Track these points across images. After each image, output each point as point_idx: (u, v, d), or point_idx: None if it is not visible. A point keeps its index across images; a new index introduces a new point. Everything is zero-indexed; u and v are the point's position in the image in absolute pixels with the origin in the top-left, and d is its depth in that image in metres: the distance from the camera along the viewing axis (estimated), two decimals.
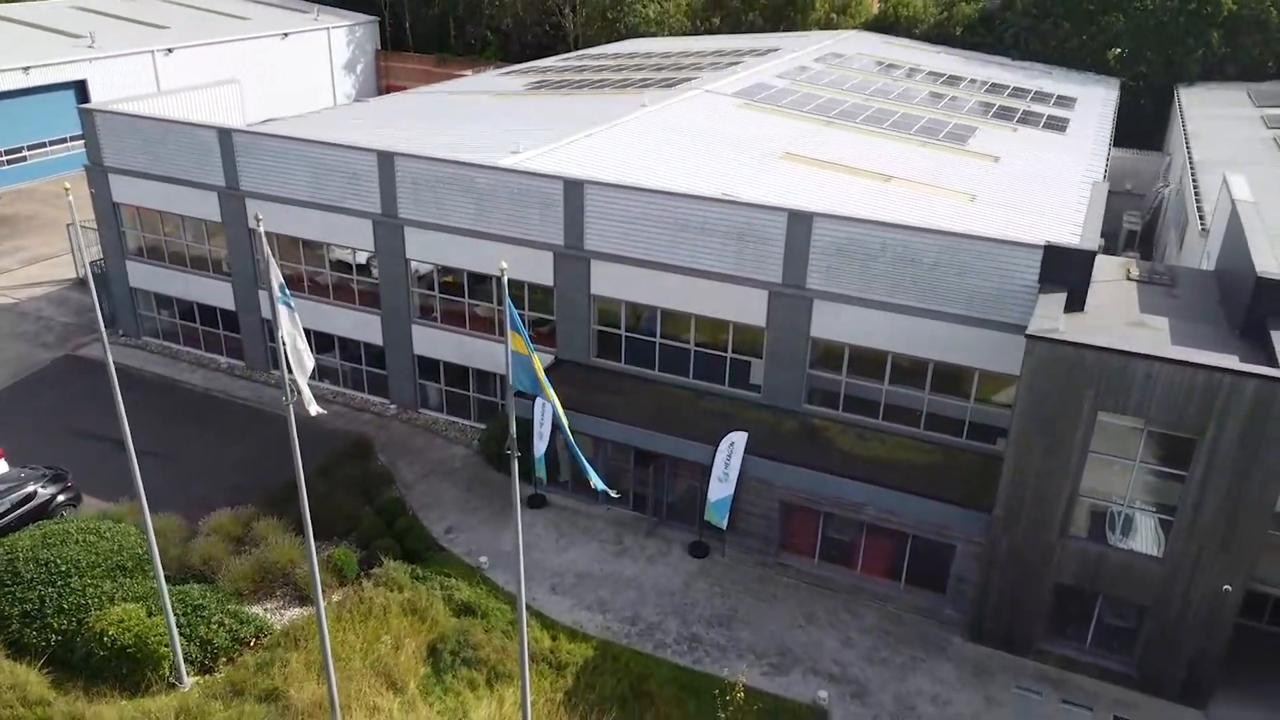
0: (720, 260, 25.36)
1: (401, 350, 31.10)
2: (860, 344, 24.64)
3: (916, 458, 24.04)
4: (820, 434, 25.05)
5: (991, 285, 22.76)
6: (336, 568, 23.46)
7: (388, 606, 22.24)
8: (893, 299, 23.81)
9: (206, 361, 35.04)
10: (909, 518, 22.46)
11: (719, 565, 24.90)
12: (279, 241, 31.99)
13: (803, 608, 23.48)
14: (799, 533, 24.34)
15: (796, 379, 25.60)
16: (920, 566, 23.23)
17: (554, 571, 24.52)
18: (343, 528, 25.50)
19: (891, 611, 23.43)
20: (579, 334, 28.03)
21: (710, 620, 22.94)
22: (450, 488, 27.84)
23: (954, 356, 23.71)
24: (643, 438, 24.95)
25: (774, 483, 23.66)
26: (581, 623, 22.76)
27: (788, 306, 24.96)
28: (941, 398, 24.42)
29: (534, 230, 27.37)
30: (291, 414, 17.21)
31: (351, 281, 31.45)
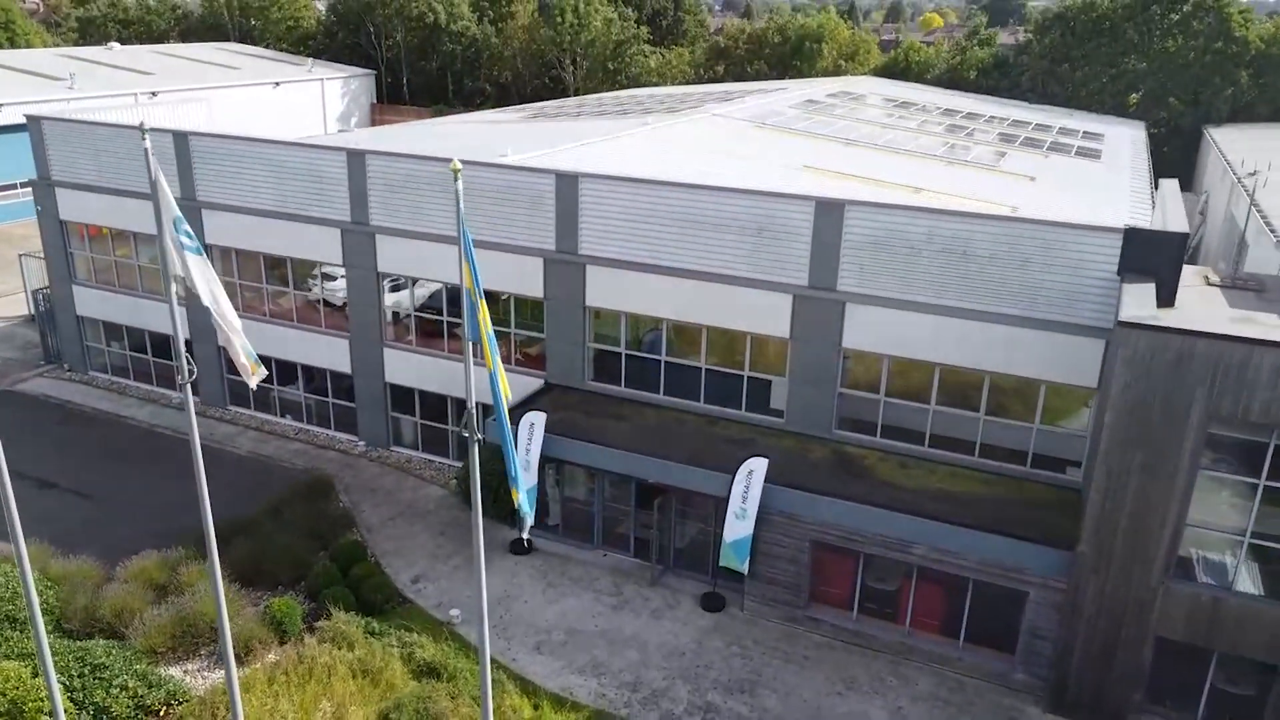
0: (736, 261, 21.85)
1: (372, 378, 27.41)
2: (902, 355, 20.96)
3: (973, 489, 20.15)
4: (856, 462, 21.20)
5: (1061, 280, 19.17)
6: (275, 621, 19.38)
7: (333, 667, 18.11)
8: (940, 300, 20.22)
9: (157, 397, 31.33)
10: (971, 558, 18.47)
11: (737, 620, 20.79)
12: (238, 259, 28.61)
13: (840, 671, 19.31)
14: (833, 580, 20.29)
15: (826, 399, 21.85)
16: (984, 620, 19.14)
17: (539, 627, 20.40)
18: (289, 575, 21.49)
19: (950, 676, 19.25)
20: (572, 353, 24.39)
21: (729, 686, 18.77)
22: (421, 531, 23.85)
23: (1015, 367, 20.00)
24: (645, 466, 21.10)
25: (803, 518, 19.72)
26: (571, 689, 18.60)
27: (815, 313, 21.36)
28: (1000, 419, 20.63)
29: (521, 234, 23.95)
30: (191, 409, 13.48)
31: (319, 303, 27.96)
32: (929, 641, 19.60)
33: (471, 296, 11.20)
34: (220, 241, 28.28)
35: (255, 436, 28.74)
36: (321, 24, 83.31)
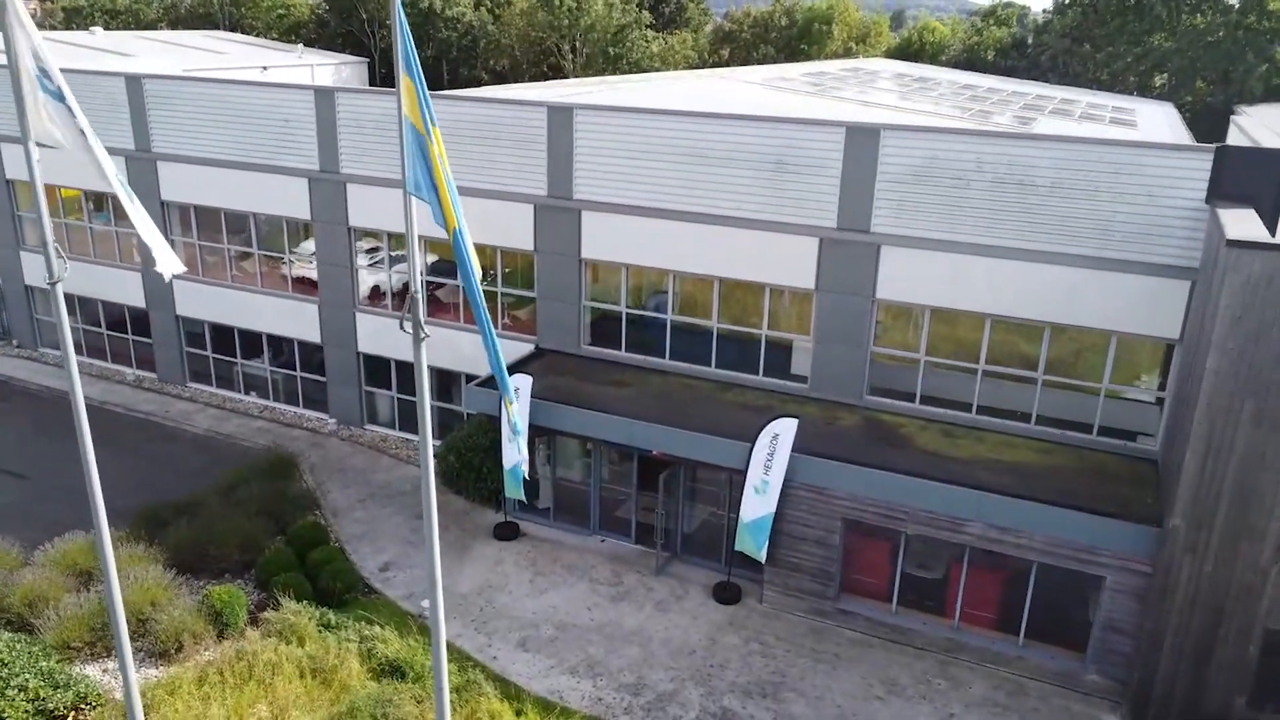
0: (752, 201, 19.04)
1: (344, 348, 24.56)
2: (946, 306, 18.12)
3: (1030, 459, 17.28)
4: (892, 431, 18.33)
5: (1137, 212, 16.34)
6: (214, 612, 16.48)
7: (278, 665, 15.21)
8: (993, 240, 17.39)
9: (111, 374, 28.49)
10: (1035, 538, 15.57)
11: (756, 613, 17.89)
12: (198, 216, 25.83)
13: (878, 671, 16.40)
14: (869, 566, 17.39)
15: (856, 360, 18.99)
16: (1048, 611, 16.24)
17: (525, 621, 17.50)
18: (238, 561, 18.61)
19: (1007, 677, 16.34)
20: (566, 314, 21.55)
21: (748, 689, 15.86)
22: (393, 515, 20.97)
23: (1081, 317, 17.15)
24: (649, 435, 18.22)
25: (834, 493, 16.83)
26: (561, 691, 15.70)
27: (845, 258, 18.54)
28: (1062, 378, 17.78)
29: (509, 177, 21.15)
30: (72, 359, 10.52)
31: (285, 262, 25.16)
32: (982, 637, 16.68)
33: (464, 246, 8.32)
34: (177, 197, 25.53)
35: (215, 414, 25.89)
36: (314, 12, 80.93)
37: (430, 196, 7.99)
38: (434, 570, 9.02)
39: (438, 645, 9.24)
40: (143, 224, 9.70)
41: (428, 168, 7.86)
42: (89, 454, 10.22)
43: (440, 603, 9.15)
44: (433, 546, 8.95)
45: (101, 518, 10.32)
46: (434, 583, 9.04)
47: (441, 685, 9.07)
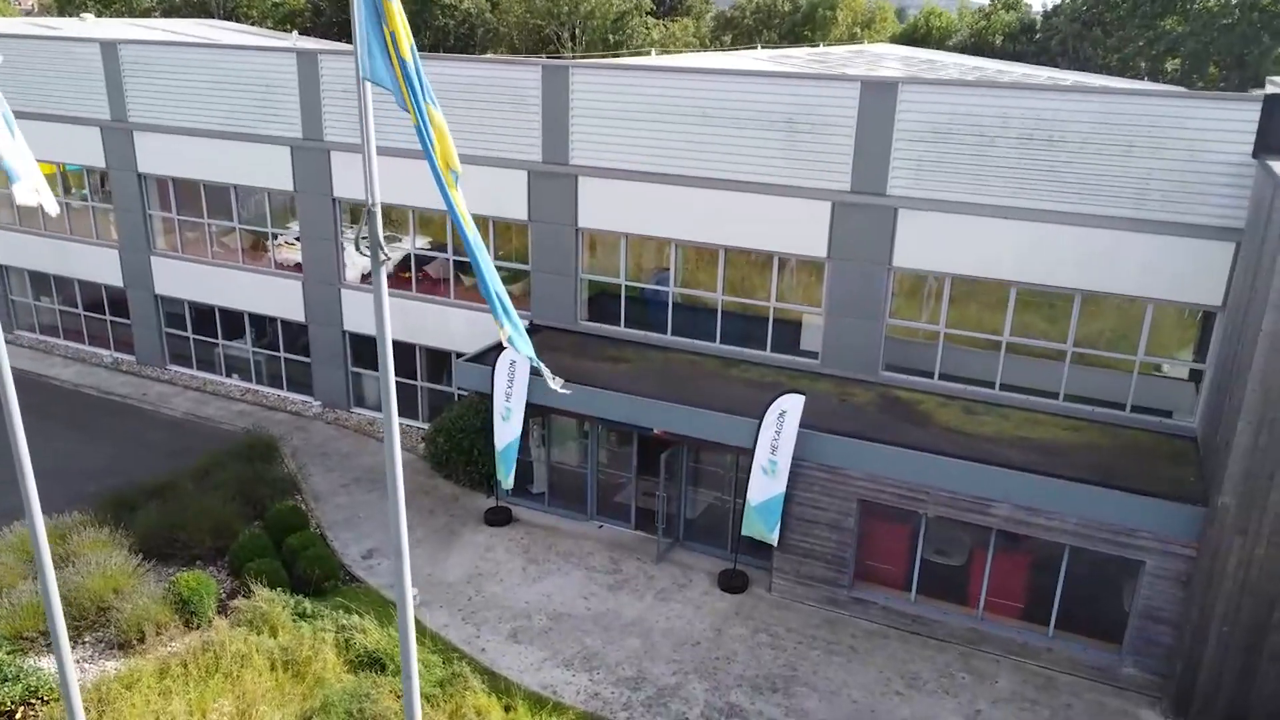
0: (761, 163, 17.84)
1: (329, 326, 23.36)
2: (968, 274, 16.92)
3: (1059, 436, 16.08)
4: (910, 407, 17.13)
5: (1176, 168, 15.14)
6: (181, 600, 15.29)
7: (248, 656, 14.03)
8: (1019, 202, 16.19)
9: (88, 356, 27.30)
10: (1068, 519, 14.36)
11: (764, 602, 16.70)
12: (176, 190, 24.65)
13: (897, 665, 15.21)
14: (886, 552, 16.20)
15: (871, 333, 17.80)
16: (1081, 599, 15.04)
17: (517, 611, 16.31)
18: (211, 546, 17.43)
19: (1036, 670, 15.14)
20: (562, 288, 20.36)
21: (756, 684, 14.67)
22: (379, 500, 19.78)
23: (1114, 283, 15.96)
24: (650, 412, 17.02)
25: (850, 472, 15.64)
26: (555, 686, 14.50)
27: (860, 224, 17.34)
28: (1093, 351, 16.58)
29: (501, 142, 19.95)
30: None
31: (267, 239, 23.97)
32: (1009, 628, 15.49)
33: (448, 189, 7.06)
34: (156, 170, 24.34)
35: (195, 397, 24.70)
36: (309, 1, 79.71)
37: (389, 81, 6.75)
38: (400, 542, 7.82)
39: (406, 634, 8.04)
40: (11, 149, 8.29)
41: (381, 40, 6.61)
42: (18, 432, 8.95)
43: (408, 583, 7.95)
44: (398, 515, 7.74)
45: (32, 495, 9.09)
46: (399, 551, 7.82)
47: (410, 673, 7.86)
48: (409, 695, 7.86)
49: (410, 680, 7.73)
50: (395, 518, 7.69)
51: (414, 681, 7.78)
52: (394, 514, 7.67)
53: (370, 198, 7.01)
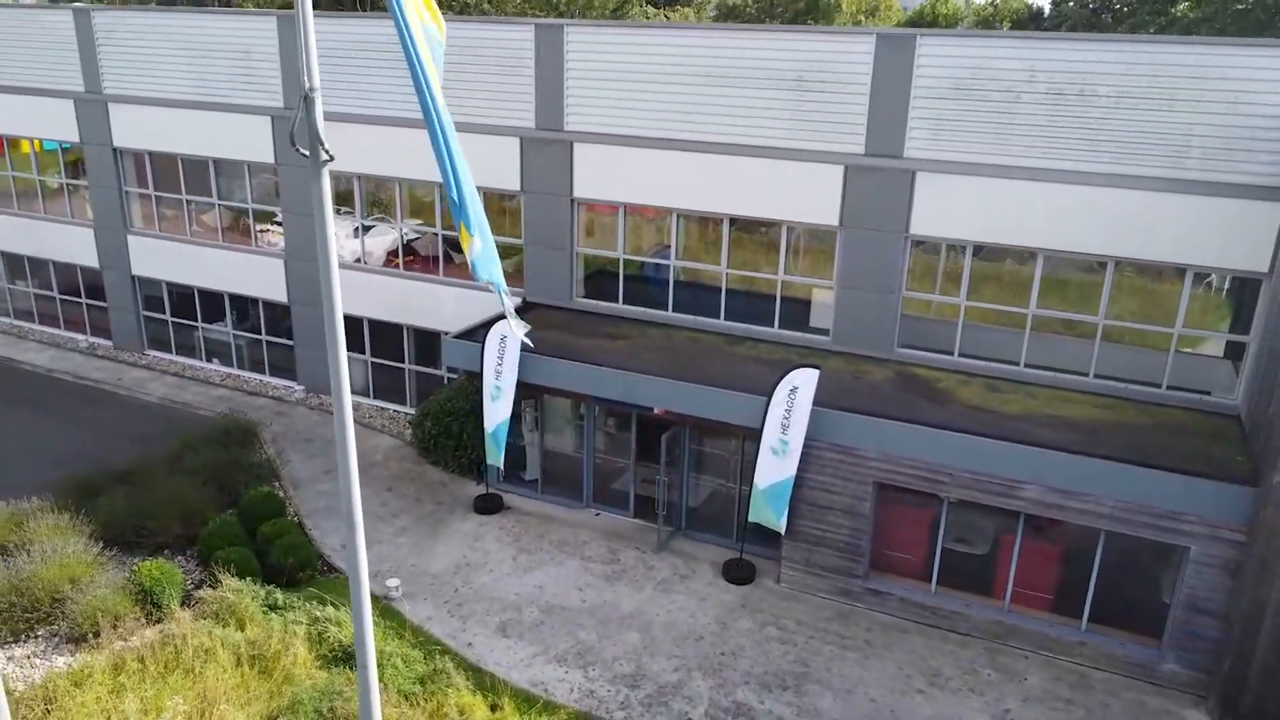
0: (768, 126, 16.70)
1: (313, 307, 22.21)
2: (992, 241, 15.76)
3: (1091, 415, 14.92)
4: (929, 385, 15.98)
5: (1220, 123, 13.99)
6: (143, 591, 14.12)
7: (212, 651, 12.87)
8: (1047, 161, 15.04)
9: (63, 341, 26.15)
10: (1105, 502, 13.20)
11: (772, 594, 15.53)
12: (153, 165, 23.52)
13: (917, 661, 14.04)
14: (905, 539, 15.03)
15: (886, 307, 16.65)
16: (1117, 590, 13.88)
17: (507, 603, 15.14)
18: (180, 534, 16.28)
19: (1068, 667, 13.98)
20: (557, 262, 19.21)
21: (765, 680, 13.50)
22: (363, 486, 18.30)
23: (1150, 249, 14.80)
24: (649, 390, 15.85)
25: (866, 453, 14.48)
26: (547, 683, 13.33)
27: (875, 189, 16.19)
28: (1125, 324, 15.42)
29: (491, 108, 18.82)
30: None
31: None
32: (1038, 621, 14.31)
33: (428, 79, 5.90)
34: (132, 144, 23.19)
35: (173, 382, 23.54)
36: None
37: None
38: (353, 515, 6.65)
39: (361, 617, 6.87)
40: None
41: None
42: None
43: (362, 559, 6.79)
44: (350, 483, 6.58)
45: None
46: (352, 524, 6.65)
47: (366, 663, 6.69)
48: (365, 688, 6.69)
49: (366, 670, 6.56)
50: (347, 487, 6.55)
51: (371, 672, 6.61)
52: (344, 480, 6.52)
53: (308, 81, 5.83)
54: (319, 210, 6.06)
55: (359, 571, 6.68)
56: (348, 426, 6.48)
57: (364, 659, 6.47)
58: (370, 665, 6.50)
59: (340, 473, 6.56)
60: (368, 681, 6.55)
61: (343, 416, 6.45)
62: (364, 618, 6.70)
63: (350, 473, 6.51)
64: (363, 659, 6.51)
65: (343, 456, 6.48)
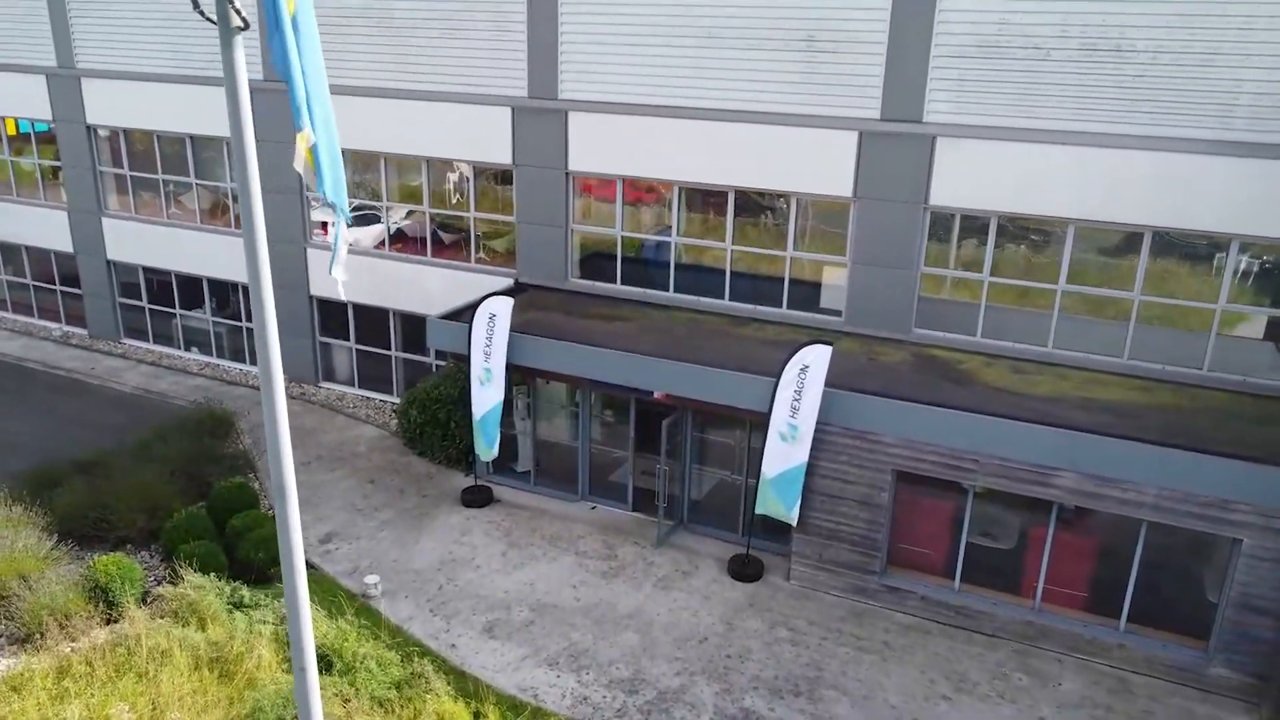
0: (776, 90, 15.58)
1: (294, 291, 21.07)
2: (1018, 211, 14.63)
3: (1128, 398, 13.78)
4: (949, 367, 14.84)
5: (1269, 78, 12.86)
6: (98, 588, 12.97)
7: (168, 653, 11.72)
8: (1079, 124, 13.92)
9: (36, 330, 25.03)
10: (1146, 490, 12.05)
11: (782, 592, 14.38)
12: (129, 143, 22.42)
13: (941, 664, 12.88)
14: (926, 533, 13.88)
15: (903, 284, 15.51)
16: (1159, 587, 12.72)
17: (495, 601, 13.99)
18: (144, 528, 15.15)
19: (1106, 670, 12.82)
20: (551, 241, 18.08)
21: (775, 686, 12.34)
22: (343, 478, 17.48)
23: (1192, 217, 13.67)
24: (650, 373, 14.71)
25: (884, 438, 13.33)
26: (536, 688, 12.18)
27: (891, 157, 15.07)
28: (1165, 299, 14.28)
29: (482, 76, 17.71)
30: None
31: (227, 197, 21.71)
32: (1072, 621, 13.15)
33: None
34: (106, 120, 22.10)
35: (149, 371, 22.42)
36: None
37: None
38: (283, 481, 5.52)
39: (297, 621, 5.73)
40: None
41: None
42: None
43: (297, 547, 5.67)
44: (279, 443, 5.46)
45: None
46: (282, 489, 5.53)
47: (304, 665, 5.54)
48: (303, 696, 5.54)
49: (305, 674, 5.42)
50: (276, 455, 5.42)
51: (309, 676, 5.46)
52: (273, 447, 5.40)
53: None
54: (231, 94, 4.92)
55: (292, 556, 5.58)
56: (276, 379, 5.36)
57: (301, 661, 5.33)
58: (309, 668, 5.37)
59: (269, 440, 5.45)
60: (306, 687, 5.40)
61: (269, 368, 5.32)
62: (301, 616, 5.57)
63: (280, 433, 5.39)
64: (299, 662, 5.37)
65: (270, 419, 5.36)
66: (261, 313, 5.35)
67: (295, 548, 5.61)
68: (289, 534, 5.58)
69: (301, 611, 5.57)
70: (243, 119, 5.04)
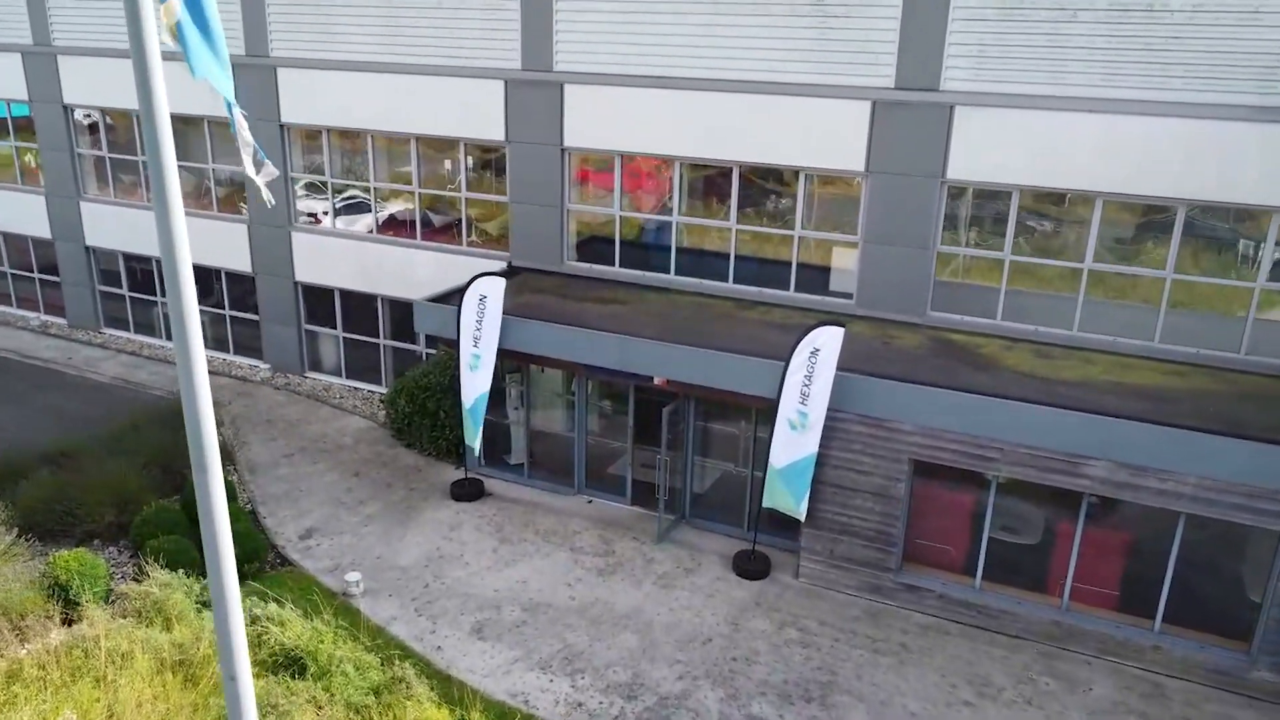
0: (784, 58, 14.71)
1: (279, 277, 20.19)
2: (1042, 184, 13.74)
3: (1161, 382, 12.89)
4: (968, 350, 13.95)
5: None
6: (56, 584, 12.09)
7: (129, 655, 10.83)
8: (1107, 91, 13.03)
9: (13, 319, 24.17)
10: (1186, 479, 11.17)
11: (791, 590, 13.50)
12: (107, 123, 21.57)
13: (962, 667, 12.00)
14: (944, 527, 13.00)
15: (919, 264, 14.63)
16: (1197, 585, 11.84)
17: (484, 600, 13.10)
18: (112, 523, 14.27)
19: (1139, 674, 11.94)
20: (546, 222, 17.20)
21: (785, 691, 11.46)
22: (327, 471, 16.60)
23: (1230, 189, 12.78)
24: (650, 357, 13.83)
25: (901, 426, 12.44)
26: (527, 694, 11.29)
27: (907, 128, 14.18)
28: (1197, 278, 13.40)
29: (472, 48, 16.84)
30: None
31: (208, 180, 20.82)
32: (1103, 621, 12.27)
33: None
34: (83, 100, 21.22)
35: (128, 361, 21.54)
36: None
37: None
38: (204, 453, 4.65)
39: (225, 623, 4.86)
40: None
41: None
42: None
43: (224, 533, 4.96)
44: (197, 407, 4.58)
45: None
46: (204, 465, 4.66)
47: (235, 674, 4.66)
48: (234, 706, 4.66)
49: (235, 684, 4.54)
50: (194, 424, 4.54)
51: (241, 686, 4.58)
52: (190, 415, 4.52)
53: None
54: (136, 44, 4.04)
55: (217, 541, 4.69)
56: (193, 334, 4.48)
57: (230, 670, 4.45)
58: (241, 677, 4.48)
59: (185, 401, 4.57)
60: (236, 696, 4.52)
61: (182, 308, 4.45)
62: (230, 615, 4.69)
63: (199, 391, 4.52)
64: (229, 670, 4.48)
65: (185, 371, 4.48)
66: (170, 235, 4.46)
67: (222, 534, 4.76)
68: (212, 515, 4.72)
69: (230, 610, 4.71)
70: (152, 78, 4.16)
